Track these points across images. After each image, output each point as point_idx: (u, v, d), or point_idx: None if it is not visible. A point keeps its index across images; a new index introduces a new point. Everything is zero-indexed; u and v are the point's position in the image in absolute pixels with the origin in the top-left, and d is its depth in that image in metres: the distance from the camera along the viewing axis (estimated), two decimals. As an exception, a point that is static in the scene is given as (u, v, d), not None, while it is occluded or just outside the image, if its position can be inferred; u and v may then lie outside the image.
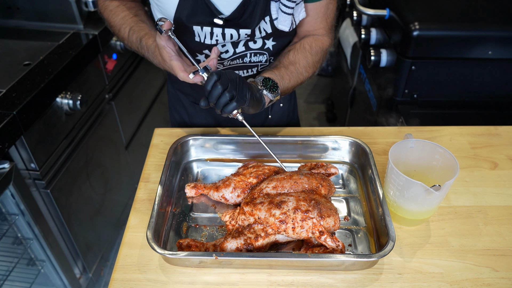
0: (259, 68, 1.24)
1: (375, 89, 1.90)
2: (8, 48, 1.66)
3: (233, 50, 1.16)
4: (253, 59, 1.20)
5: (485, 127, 1.29)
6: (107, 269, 2.10)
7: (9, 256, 1.57)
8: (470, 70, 1.59)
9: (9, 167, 1.36)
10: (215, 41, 1.10)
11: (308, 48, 1.17)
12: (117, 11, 1.17)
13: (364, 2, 1.97)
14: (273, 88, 1.03)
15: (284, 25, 1.08)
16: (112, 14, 1.17)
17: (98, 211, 1.94)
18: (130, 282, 0.89)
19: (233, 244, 0.89)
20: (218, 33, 1.09)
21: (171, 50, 0.96)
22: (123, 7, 1.17)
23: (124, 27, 1.14)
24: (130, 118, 2.18)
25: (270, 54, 1.21)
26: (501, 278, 0.89)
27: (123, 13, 1.16)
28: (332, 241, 0.87)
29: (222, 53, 1.16)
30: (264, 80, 1.03)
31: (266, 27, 1.11)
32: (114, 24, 1.17)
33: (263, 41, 1.17)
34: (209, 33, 1.09)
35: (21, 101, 1.35)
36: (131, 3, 1.20)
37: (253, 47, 1.17)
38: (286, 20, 1.07)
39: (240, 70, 1.22)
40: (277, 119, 1.40)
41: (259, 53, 1.19)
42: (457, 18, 1.58)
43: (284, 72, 1.10)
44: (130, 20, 1.14)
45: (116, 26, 1.16)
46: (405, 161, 1.00)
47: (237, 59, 1.18)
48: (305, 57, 1.15)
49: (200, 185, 1.06)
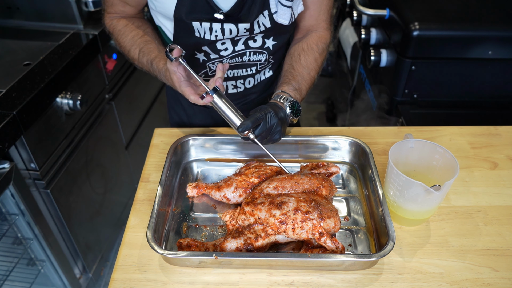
0: (258, 67, 1.24)
1: (375, 89, 1.90)
2: (8, 48, 1.66)
3: (233, 48, 1.16)
4: (252, 57, 1.20)
5: (485, 127, 1.29)
6: (107, 269, 2.10)
7: (9, 256, 1.57)
8: (470, 70, 1.59)
9: (9, 167, 1.36)
10: (215, 36, 1.11)
11: (316, 48, 1.19)
12: (125, 31, 1.17)
13: (364, 2, 1.97)
14: (298, 112, 1.09)
15: (284, 19, 1.09)
16: (121, 34, 1.18)
17: (98, 211, 1.94)
18: (130, 282, 0.89)
19: (233, 244, 0.89)
20: (217, 28, 1.09)
21: (181, 75, 0.99)
22: (131, 26, 1.18)
23: (134, 49, 1.15)
24: (130, 118, 2.18)
25: (270, 53, 1.21)
26: (501, 278, 0.89)
27: (132, 33, 1.16)
28: (332, 242, 0.87)
29: (221, 51, 1.16)
30: (292, 104, 1.07)
31: (265, 21, 1.11)
32: (124, 45, 1.18)
33: (263, 40, 1.17)
34: (208, 29, 1.09)
35: (21, 101, 1.35)
36: (138, 20, 1.20)
37: (252, 45, 1.17)
38: (286, 14, 1.08)
39: (239, 68, 1.22)
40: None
41: (259, 52, 1.19)
42: (457, 18, 1.58)
43: (301, 82, 1.15)
44: (139, 40, 1.14)
45: (126, 47, 1.17)
46: (405, 161, 1.00)
47: (236, 57, 1.18)
48: (315, 60, 1.18)
49: (202, 184, 1.06)
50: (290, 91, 1.10)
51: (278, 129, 1.02)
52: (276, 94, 1.10)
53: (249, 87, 1.29)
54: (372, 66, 1.81)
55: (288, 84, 1.12)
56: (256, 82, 1.29)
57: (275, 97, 1.09)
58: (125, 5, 1.18)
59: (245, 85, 1.28)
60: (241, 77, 1.25)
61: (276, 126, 1.02)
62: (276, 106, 1.05)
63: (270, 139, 1.04)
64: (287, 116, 1.07)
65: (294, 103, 1.08)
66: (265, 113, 1.00)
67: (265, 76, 1.30)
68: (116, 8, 1.19)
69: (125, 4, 1.18)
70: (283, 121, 1.04)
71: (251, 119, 0.97)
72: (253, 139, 1.00)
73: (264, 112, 1.00)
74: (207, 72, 1.22)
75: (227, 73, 1.23)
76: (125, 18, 1.20)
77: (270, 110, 1.01)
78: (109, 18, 1.21)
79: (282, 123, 1.04)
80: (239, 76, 1.25)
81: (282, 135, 1.06)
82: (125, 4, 1.17)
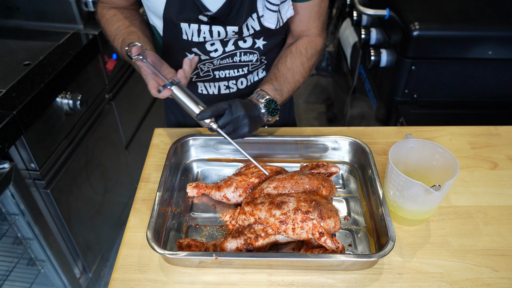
0: (250, 68, 1.24)
1: (375, 89, 1.90)
2: (8, 48, 1.66)
3: (223, 49, 1.16)
4: (243, 58, 1.20)
5: (485, 127, 1.29)
6: (107, 269, 2.10)
7: (9, 256, 1.57)
8: (470, 70, 1.59)
9: (9, 167, 1.36)
10: (203, 38, 1.10)
11: (304, 52, 1.17)
12: (112, 20, 1.17)
13: (364, 2, 1.97)
14: (274, 111, 1.07)
15: (270, 23, 1.08)
16: (108, 23, 1.18)
17: (98, 211, 1.94)
18: (130, 282, 0.89)
19: (233, 244, 0.89)
20: (205, 30, 1.09)
21: (147, 68, 0.99)
22: (119, 16, 1.17)
23: (117, 38, 1.14)
24: (130, 118, 2.18)
25: (261, 53, 1.21)
26: (501, 278, 0.89)
27: (118, 23, 1.16)
28: (332, 242, 0.87)
29: (211, 52, 1.16)
30: (268, 103, 1.05)
31: (254, 24, 1.10)
32: (109, 34, 1.17)
33: (253, 40, 1.17)
34: (196, 30, 1.09)
35: (21, 101, 1.35)
36: (128, 11, 1.20)
37: (243, 46, 1.17)
38: (272, 18, 1.07)
39: (230, 69, 1.22)
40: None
41: (249, 52, 1.19)
42: (457, 18, 1.58)
43: (284, 83, 1.12)
44: (123, 31, 1.14)
45: (111, 36, 1.17)
46: (405, 161, 1.00)
47: (226, 58, 1.18)
48: (302, 63, 1.17)
49: (202, 184, 1.07)
50: (269, 90, 1.09)
51: (244, 121, 0.99)
52: (254, 92, 1.09)
53: (242, 88, 1.28)
54: (372, 66, 1.81)
55: (269, 83, 1.11)
56: (249, 82, 1.28)
57: (253, 95, 1.08)
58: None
59: (238, 85, 1.27)
60: (233, 77, 1.25)
61: (242, 119, 0.98)
62: (249, 101, 1.03)
63: (237, 133, 1.01)
64: (261, 114, 1.04)
65: (270, 101, 1.06)
66: (229, 104, 0.98)
67: (258, 77, 1.29)
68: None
69: None
70: (253, 117, 1.01)
71: (211, 108, 0.95)
72: (217, 129, 0.98)
73: (229, 104, 0.98)
74: (198, 73, 1.22)
75: (219, 74, 1.23)
76: (115, 8, 1.20)
77: (237, 103, 0.99)
78: (101, 7, 1.21)
79: (251, 118, 1.01)
80: (231, 76, 1.24)
81: (251, 130, 1.02)
82: None
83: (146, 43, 1.10)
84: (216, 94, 1.28)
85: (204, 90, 1.28)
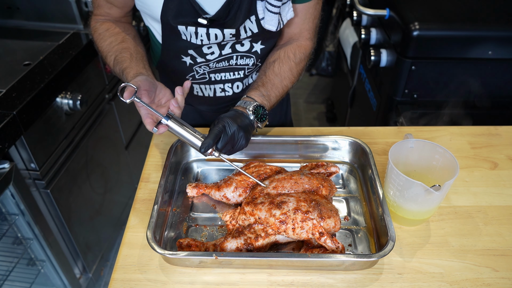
0: (246, 72, 1.23)
1: (375, 89, 1.90)
2: (8, 48, 1.66)
3: (219, 52, 1.15)
4: (240, 61, 1.19)
5: (485, 127, 1.29)
6: (107, 269, 2.10)
7: (9, 256, 1.57)
8: (470, 70, 1.59)
9: (9, 167, 1.36)
10: (200, 41, 1.10)
11: (293, 57, 1.16)
12: (104, 35, 1.15)
13: (364, 2, 1.97)
14: (263, 118, 1.05)
15: (271, 25, 1.07)
16: (100, 38, 1.16)
17: (98, 211, 1.94)
18: (130, 282, 0.89)
19: (233, 244, 0.89)
20: (202, 33, 1.08)
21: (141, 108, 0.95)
22: (112, 31, 1.15)
23: (110, 55, 1.12)
24: (130, 118, 2.18)
25: (258, 57, 1.20)
26: (501, 278, 0.89)
27: (110, 38, 1.14)
28: (332, 242, 0.87)
29: (208, 55, 1.15)
30: (256, 109, 1.04)
31: (252, 26, 1.10)
32: (102, 50, 1.16)
33: (250, 44, 1.16)
34: (193, 33, 1.08)
35: (21, 101, 1.35)
36: (121, 25, 1.18)
37: (240, 49, 1.16)
38: (273, 20, 1.07)
39: (227, 72, 1.21)
40: (269, 120, 1.39)
41: (246, 56, 1.18)
42: (457, 18, 1.58)
43: (271, 89, 1.11)
44: (116, 47, 1.12)
45: (103, 52, 1.15)
46: (405, 161, 1.00)
47: (223, 61, 1.18)
48: (290, 69, 1.15)
49: (202, 184, 1.07)
50: (256, 97, 1.07)
51: (240, 135, 0.98)
52: (241, 99, 1.07)
53: (237, 92, 1.28)
54: (372, 66, 1.81)
55: (256, 90, 1.10)
56: (245, 86, 1.28)
57: (239, 102, 1.06)
58: (111, 6, 1.16)
59: (233, 89, 1.27)
60: (228, 80, 1.24)
61: (238, 133, 0.98)
62: (235, 112, 1.01)
63: (236, 148, 1.00)
64: (250, 120, 1.03)
65: (258, 107, 1.04)
66: (222, 125, 0.96)
67: (253, 80, 1.28)
68: (102, 10, 1.17)
69: (111, 6, 1.16)
70: (244, 127, 1.00)
71: (211, 136, 0.94)
72: (220, 156, 0.97)
73: (222, 125, 0.96)
74: (194, 76, 1.22)
75: (214, 77, 1.22)
76: (109, 21, 1.18)
77: (227, 120, 0.97)
78: (95, 20, 1.20)
79: (244, 129, 0.99)
80: (226, 79, 1.24)
81: (248, 140, 1.01)
82: (111, 6, 1.16)
83: (139, 61, 1.08)
84: (211, 96, 1.28)
85: (199, 92, 1.27)
